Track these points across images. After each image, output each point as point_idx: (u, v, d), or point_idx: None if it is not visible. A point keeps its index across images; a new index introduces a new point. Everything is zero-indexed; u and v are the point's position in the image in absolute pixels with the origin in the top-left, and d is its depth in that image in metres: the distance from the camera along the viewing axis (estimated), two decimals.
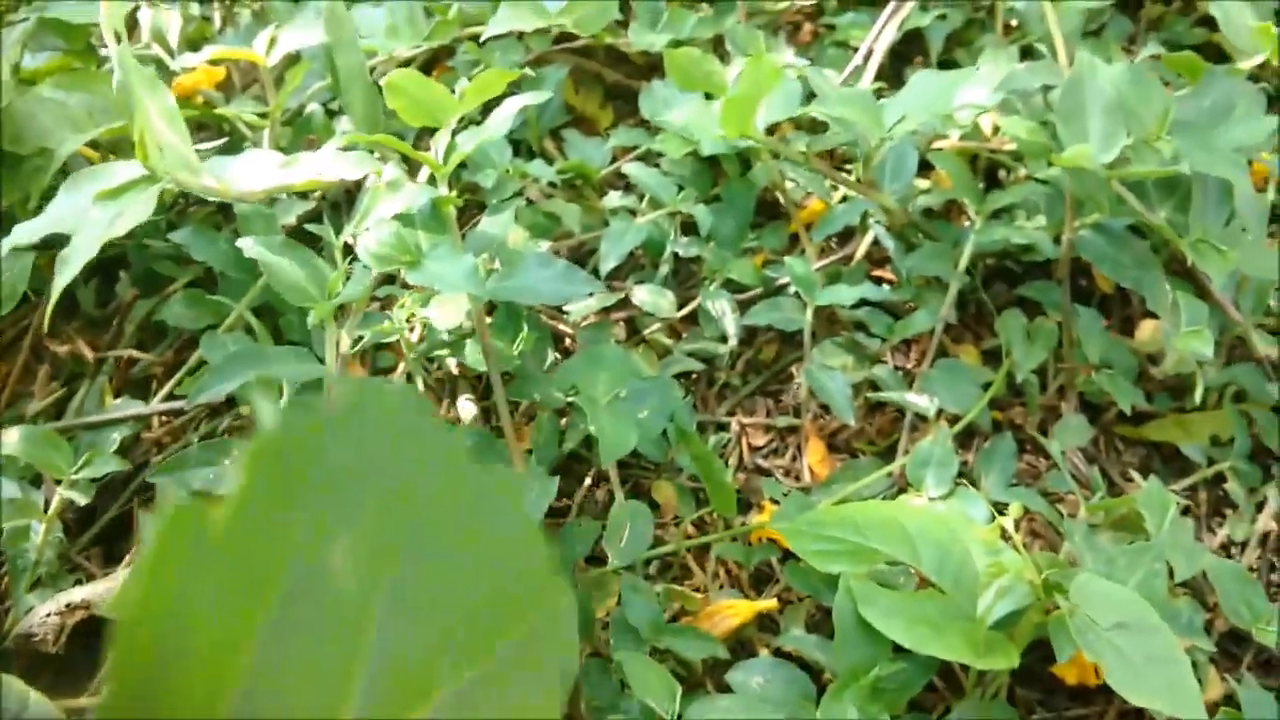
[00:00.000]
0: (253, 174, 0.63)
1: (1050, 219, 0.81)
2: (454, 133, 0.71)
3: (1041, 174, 0.79)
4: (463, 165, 0.88)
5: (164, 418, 0.80)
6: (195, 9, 1.14)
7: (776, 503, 0.74)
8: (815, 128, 0.91)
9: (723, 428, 0.83)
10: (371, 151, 0.72)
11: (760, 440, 0.83)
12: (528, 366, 0.74)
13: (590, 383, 0.67)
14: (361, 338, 0.75)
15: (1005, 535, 0.67)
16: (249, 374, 0.60)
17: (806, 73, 0.76)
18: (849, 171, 0.89)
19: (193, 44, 1.07)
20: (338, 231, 0.84)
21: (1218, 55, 1.15)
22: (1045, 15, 0.96)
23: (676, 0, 1.06)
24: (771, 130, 0.80)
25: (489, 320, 0.75)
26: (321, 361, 0.64)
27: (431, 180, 0.69)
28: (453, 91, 0.75)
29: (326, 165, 0.65)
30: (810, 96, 0.78)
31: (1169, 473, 0.82)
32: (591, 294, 0.68)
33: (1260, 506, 0.77)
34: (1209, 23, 1.12)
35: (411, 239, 0.64)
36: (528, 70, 0.88)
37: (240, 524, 0.20)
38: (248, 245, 0.63)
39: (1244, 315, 0.84)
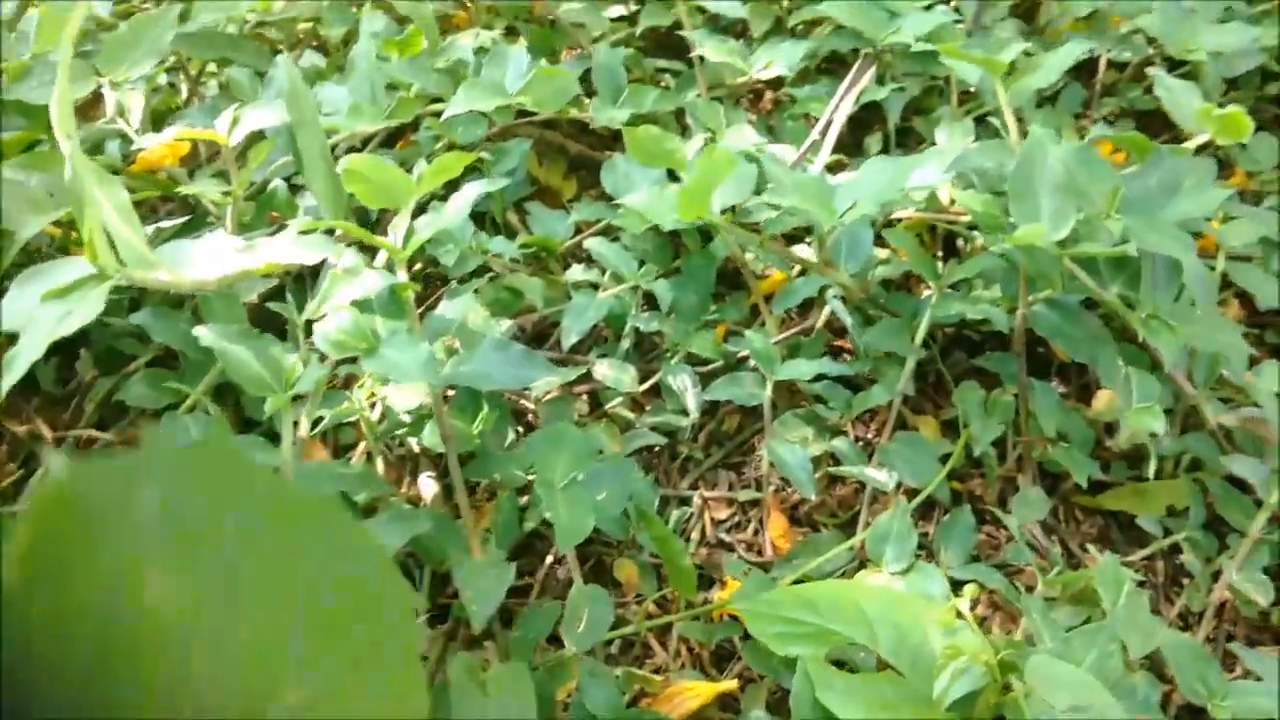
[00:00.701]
0: (209, 261, 0.64)
1: (1005, 293, 0.82)
2: (414, 214, 0.72)
3: (996, 247, 0.80)
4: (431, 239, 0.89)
5: None
6: (162, 79, 1.15)
7: (738, 580, 0.74)
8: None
9: (685, 501, 0.83)
10: (331, 233, 0.72)
11: (723, 514, 0.84)
12: (488, 445, 0.75)
13: (548, 465, 0.67)
14: (322, 418, 0.75)
15: (960, 615, 0.67)
16: None
17: (762, 156, 0.77)
18: (808, 243, 0.90)
19: (158, 116, 1.08)
20: (300, 306, 0.84)
21: (1169, 120, 1.18)
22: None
23: (639, 71, 1.08)
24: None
25: (450, 400, 0.76)
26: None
27: (390, 264, 0.70)
28: (411, 171, 0.76)
29: (284, 251, 0.66)
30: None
31: (1127, 542, 0.83)
32: (550, 376, 0.68)
33: (1216, 576, 0.78)
34: None
35: (369, 325, 0.65)
36: (484, 154, 0.90)
37: (35, 571, 0.20)
38: (204, 334, 0.63)
39: (1197, 385, 0.85)
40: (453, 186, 0.99)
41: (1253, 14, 1.12)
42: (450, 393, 0.76)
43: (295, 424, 0.68)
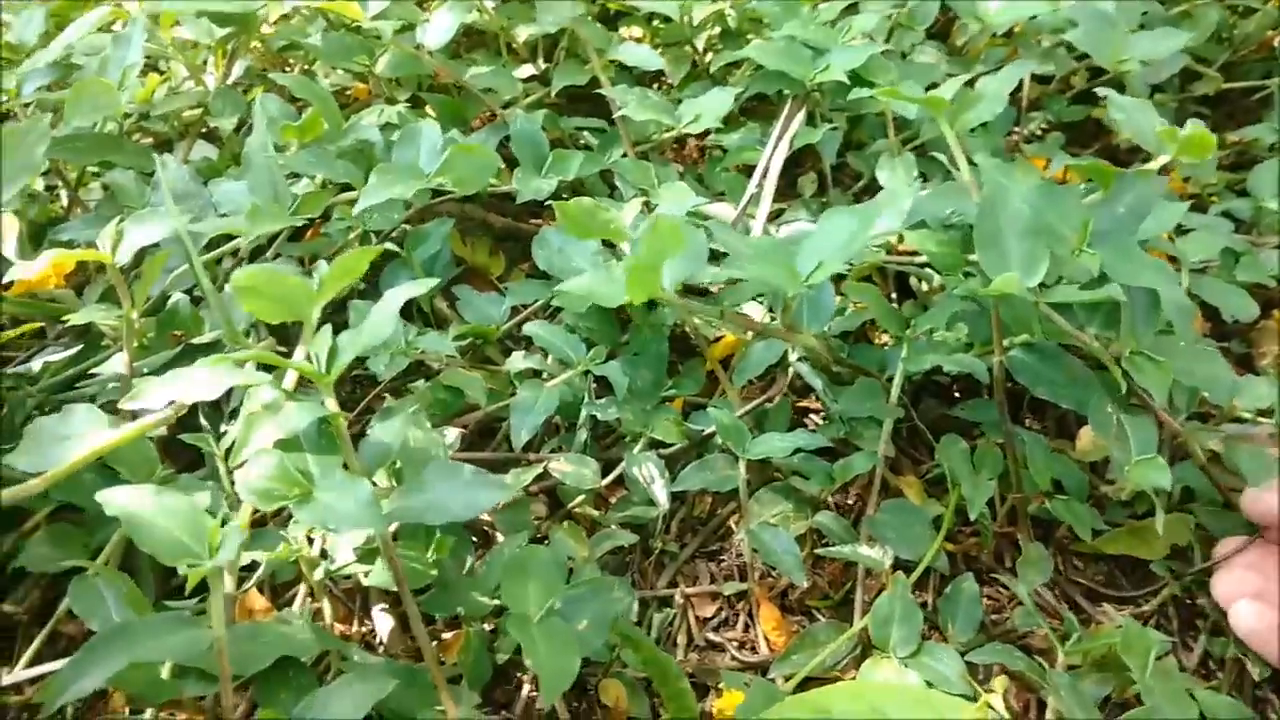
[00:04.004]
0: (75, 444, 0.56)
1: (975, 335, 0.77)
2: (334, 312, 0.64)
3: (961, 290, 0.75)
4: None
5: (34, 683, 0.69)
6: (39, 183, 1.05)
7: (737, 690, 0.67)
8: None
9: (666, 602, 0.77)
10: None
11: (708, 610, 0.77)
12: (447, 574, 0.67)
13: (519, 597, 0.60)
14: (257, 564, 0.67)
15: (992, 708, 0.61)
16: (120, 660, 0.51)
17: (710, 223, 0.71)
18: (760, 301, 0.85)
19: (37, 229, 0.98)
20: (215, 427, 0.76)
21: (1097, 129, 1.16)
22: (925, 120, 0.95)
23: (556, 131, 1.02)
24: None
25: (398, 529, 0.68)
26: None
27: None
28: (318, 265, 0.68)
29: (185, 390, 0.58)
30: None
31: (1134, 586, 0.78)
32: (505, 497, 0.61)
33: None
34: (1087, 98, 1.12)
35: (298, 466, 0.57)
36: (390, 246, 0.82)
37: None
38: (112, 501, 0.55)
39: (1180, 415, 0.82)
40: (376, 270, 0.92)
41: (1170, 16, 1.11)
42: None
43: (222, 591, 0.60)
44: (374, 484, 0.62)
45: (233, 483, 0.59)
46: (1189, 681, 0.67)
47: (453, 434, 0.73)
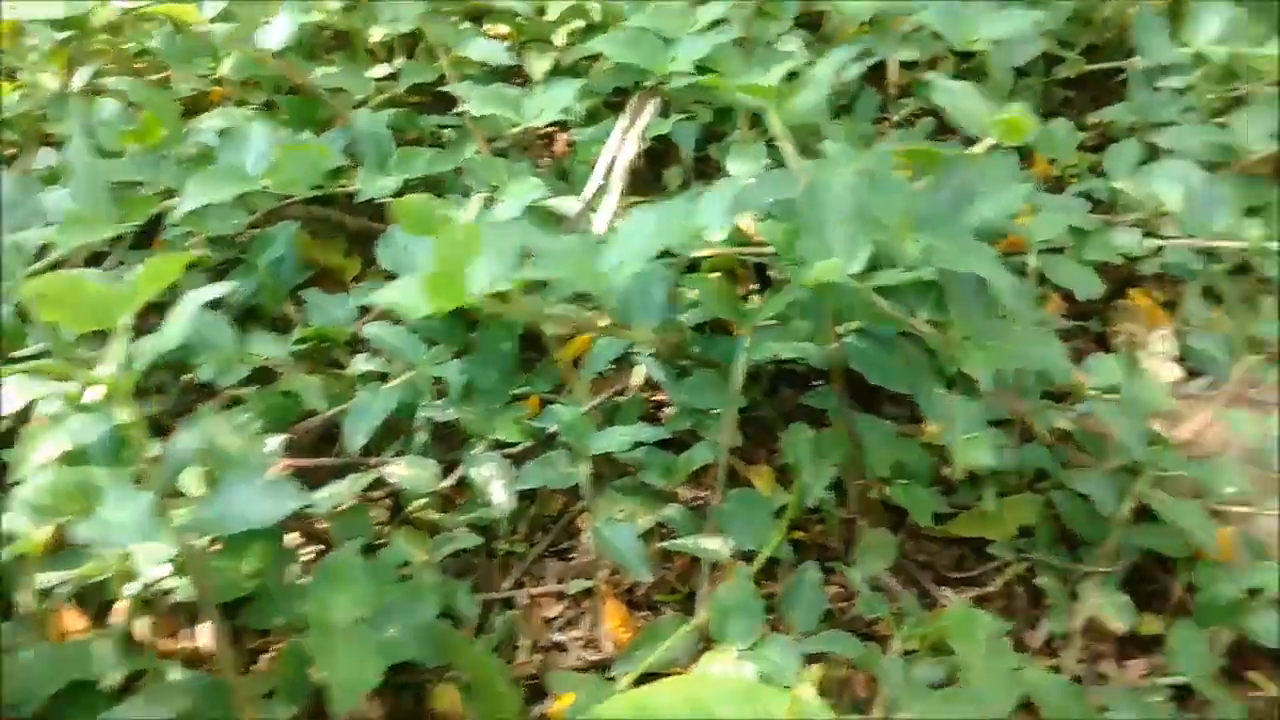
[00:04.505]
0: None
1: (818, 325, 0.76)
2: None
3: (798, 280, 0.75)
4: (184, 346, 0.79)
5: None
6: None
7: (568, 693, 0.66)
8: None
9: (510, 604, 0.75)
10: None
11: (554, 611, 0.76)
12: (267, 584, 0.65)
13: (325, 607, 0.58)
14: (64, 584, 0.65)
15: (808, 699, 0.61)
16: None
17: (519, 226, 0.70)
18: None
19: None
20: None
21: None
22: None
23: (414, 131, 1.00)
24: None
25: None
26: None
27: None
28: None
29: None
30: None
31: (983, 569, 0.78)
32: (308, 505, 0.60)
33: (1075, 595, 0.74)
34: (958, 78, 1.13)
35: (84, 480, 0.55)
36: (204, 252, 0.80)
37: None
38: None
39: (1030, 395, 0.82)
40: (219, 276, 0.89)
41: None
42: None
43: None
44: (182, 495, 0.60)
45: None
46: (1023, 661, 0.66)
47: (276, 441, 0.71)
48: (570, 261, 0.62)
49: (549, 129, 1.10)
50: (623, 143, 0.89)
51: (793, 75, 0.85)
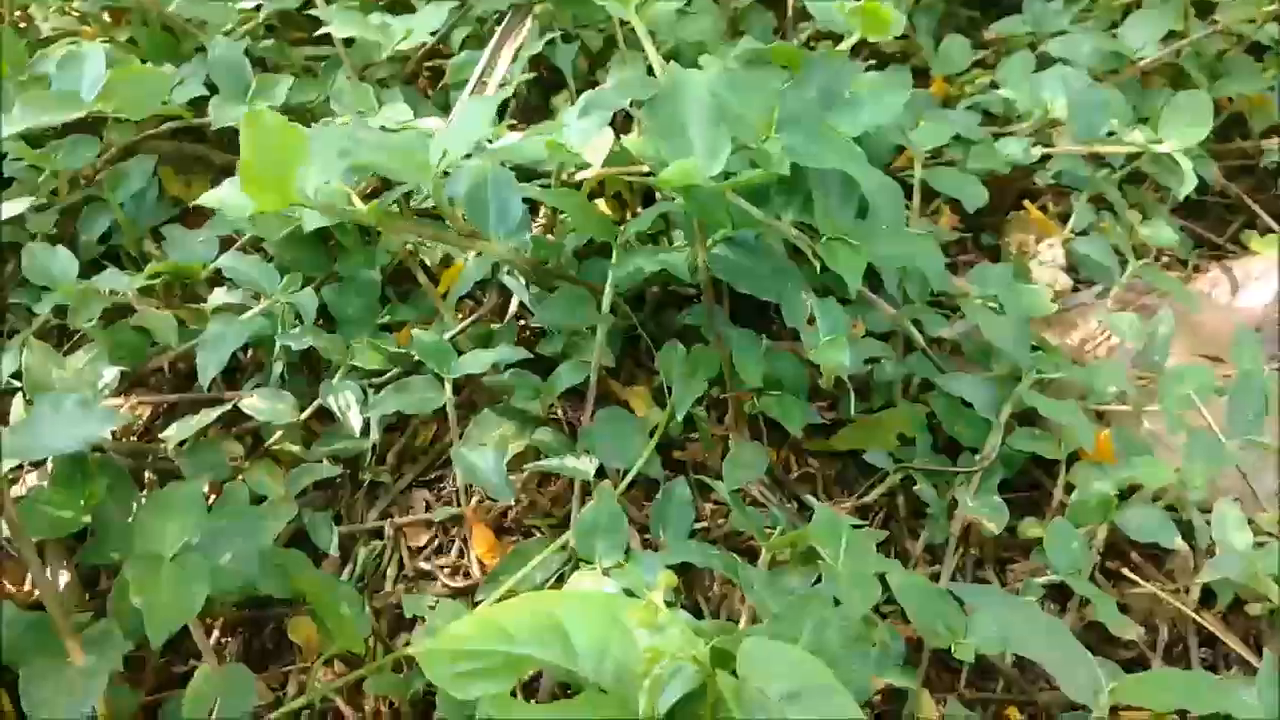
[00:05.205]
0: None
1: (686, 238, 0.74)
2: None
3: (668, 191, 0.72)
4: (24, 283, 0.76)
5: None
6: None
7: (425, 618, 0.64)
8: None
9: (377, 534, 0.73)
10: None
11: (422, 539, 0.73)
12: (107, 517, 0.62)
13: (153, 538, 0.55)
14: None
15: (670, 603, 0.59)
16: None
17: (350, 120, 0.67)
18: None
19: None
20: None
21: None
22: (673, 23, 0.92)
23: (285, 61, 0.96)
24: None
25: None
26: None
27: None
28: None
29: None
30: None
31: (864, 480, 0.77)
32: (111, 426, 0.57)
33: (955, 503, 0.73)
34: None
35: None
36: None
37: None
38: None
39: (913, 301, 0.80)
40: (74, 215, 0.86)
41: None
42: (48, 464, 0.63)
43: None
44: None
45: None
46: (887, 566, 0.65)
47: (111, 372, 0.68)
48: (395, 152, 0.59)
49: (436, 61, 1.06)
50: (495, 62, 0.86)
51: None
